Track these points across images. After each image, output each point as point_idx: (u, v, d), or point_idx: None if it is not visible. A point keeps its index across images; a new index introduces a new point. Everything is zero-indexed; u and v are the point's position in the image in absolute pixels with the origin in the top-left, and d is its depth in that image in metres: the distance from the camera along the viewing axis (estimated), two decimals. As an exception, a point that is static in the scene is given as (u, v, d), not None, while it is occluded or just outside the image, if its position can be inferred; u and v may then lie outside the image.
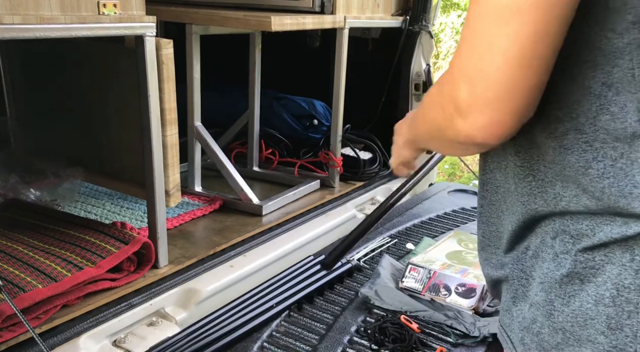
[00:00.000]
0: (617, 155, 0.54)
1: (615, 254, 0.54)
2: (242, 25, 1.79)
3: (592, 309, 0.54)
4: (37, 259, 1.37)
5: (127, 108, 1.57)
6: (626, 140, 0.54)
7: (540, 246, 0.61)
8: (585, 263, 0.56)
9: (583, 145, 0.56)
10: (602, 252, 0.55)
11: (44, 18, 1.19)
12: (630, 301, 0.53)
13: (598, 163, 0.55)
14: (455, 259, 1.62)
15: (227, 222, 1.91)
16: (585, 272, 0.56)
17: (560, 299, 0.57)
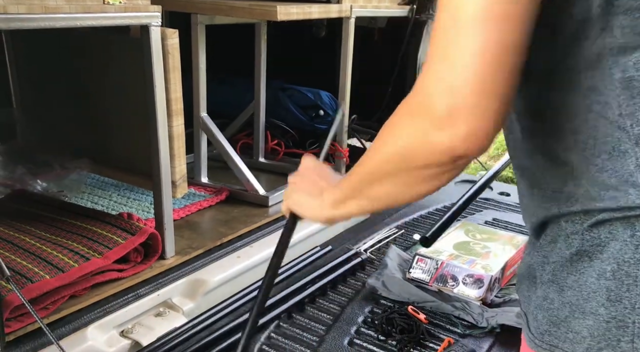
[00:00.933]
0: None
1: (618, 231, 0.56)
2: (247, 14, 1.78)
3: (595, 283, 0.57)
4: (44, 249, 1.37)
5: (133, 98, 1.56)
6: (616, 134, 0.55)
7: (556, 231, 0.63)
8: (591, 241, 0.58)
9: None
10: (606, 229, 0.57)
11: (48, 7, 1.18)
12: (630, 275, 0.55)
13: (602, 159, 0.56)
14: (462, 249, 1.61)
15: (233, 213, 1.91)
16: (592, 249, 0.58)
17: (571, 276, 0.59)
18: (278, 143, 2.44)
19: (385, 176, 0.64)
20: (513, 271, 1.60)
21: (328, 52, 2.44)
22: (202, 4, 1.87)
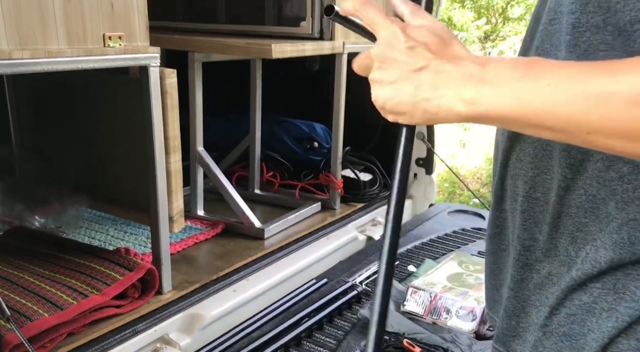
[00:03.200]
0: None
1: None
2: (243, 53, 1.83)
3: None
4: (43, 287, 1.38)
5: (131, 135, 1.60)
6: None
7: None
8: None
9: None
10: None
11: (51, 52, 1.22)
12: None
13: None
14: (456, 281, 1.64)
15: (229, 246, 1.93)
16: None
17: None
18: (273, 175, 2.47)
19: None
20: (506, 302, 1.62)
21: (322, 85, 2.50)
22: (199, 42, 1.92)
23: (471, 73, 0.52)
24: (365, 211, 2.35)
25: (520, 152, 0.65)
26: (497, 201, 0.71)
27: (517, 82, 0.49)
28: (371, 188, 2.43)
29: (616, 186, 0.56)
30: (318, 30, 2.05)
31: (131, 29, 1.39)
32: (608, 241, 0.57)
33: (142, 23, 1.41)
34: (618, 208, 0.56)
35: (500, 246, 0.72)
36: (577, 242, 0.60)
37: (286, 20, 2.19)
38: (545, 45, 0.60)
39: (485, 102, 0.51)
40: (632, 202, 0.55)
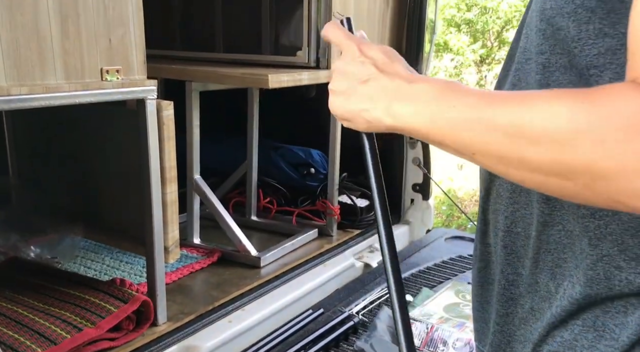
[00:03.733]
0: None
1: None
2: (240, 82, 1.85)
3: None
4: (36, 321, 1.37)
5: (127, 166, 1.60)
6: None
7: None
8: None
9: None
10: None
11: (49, 87, 1.23)
12: None
13: None
14: (452, 312, 1.63)
15: (225, 275, 1.92)
16: None
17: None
18: (270, 201, 2.48)
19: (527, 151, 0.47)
20: (504, 332, 1.61)
21: (318, 111, 2.51)
22: (196, 72, 1.94)
23: (400, 89, 0.57)
24: (362, 237, 2.35)
25: (499, 187, 0.66)
26: (481, 235, 0.72)
27: (430, 103, 0.54)
28: (368, 214, 2.43)
29: (588, 223, 0.57)
30: (314, 59, 2.07)
31: (129, 63, 1.40)
32: (583, 278, 0.57)
33: (140, 56, 1.43)
34: (591, 244, 0.57)
35: (487, 279, 0.73)
36: (556, 278, 0.61)
37: (283, 49, 2.22)
38: (521, 83, 0.62)
39: (404, 117, 0.56)
40: (605, 239, 0.56)
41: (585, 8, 0.52)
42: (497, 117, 0.48)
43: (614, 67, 0.51)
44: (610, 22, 0.51)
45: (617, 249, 0.55)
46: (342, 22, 0.71)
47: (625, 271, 0.55)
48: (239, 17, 2.37)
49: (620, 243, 0.55)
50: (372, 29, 2.30)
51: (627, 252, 0.55)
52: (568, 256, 0.59)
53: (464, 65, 6.49)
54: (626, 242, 0.55)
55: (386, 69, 0.60)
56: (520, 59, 0.62)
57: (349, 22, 0.72)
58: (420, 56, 2.44)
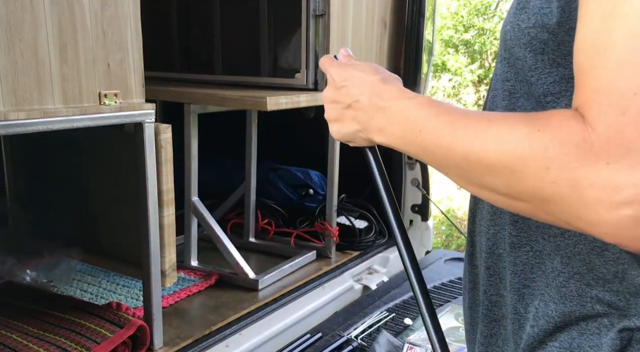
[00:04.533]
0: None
1: None
2: (239, 105, 1.85)
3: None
4: (30, 347, 1.35)
5: (125, 189, 1.60)
6: None
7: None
8: None
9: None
10: None
11: (47, 112, 1.23)
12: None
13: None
14: (452, 336, 1.61)
15: (222, 298, 1.90)
16: None
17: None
18: (269, 222, 2.47)
19: (497, 170, 0.49)
20: (504, 357, 1.59)
21: (317, 132, 2.52)
22: (194, 94, 1.95)
23: (377, 111, 0.62)
24: (361, 259, 2.33)
25: (482, 209, 0.69)
26: (469, 256, 0.74)
27: (402, 126, 0.59)
28: (367, 235, 2.41)
29: (559, 242, 0.59)
30: (313, 81, 2.08)
31: (127, 86, 1.41)
32: (556, 295, 0.59)
33: (138, 80, 1.43)
34: (563, 263, 0.59)
35: (475, 300, 0.74)
36: (524, 299, 0.62)
37: (281, 71, 2.23)
38: (497, 108, 0.66)
39: (387, 135, 0.61)
40: (575, 257, 0.58)
41: (539, 40, 0.55)
42: (457, 145, 0.52)
43: (569, 94, 0.52)
44: (561, 54, 0.54)
45: (585, 268, 0.58)
46: (336, 56, 0.73)
47: (595, 289, 0.57)
48: (237, 39, 2.39)
49: (587, 262, 0.57)
50: (369, 51, 2.31)
51: (594, 271, 0.57)
52: (536, 276, 0.61)
53: (462, 85, 6.53)
54: (593, 262, 0.57)
55: (364, 89, 0.63)
56: (495, 85, 0.66)
57: (344, 52, 0.74)
58: (418, 77, 2.46)
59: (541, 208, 0.47)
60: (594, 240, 0.56)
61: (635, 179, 0.41)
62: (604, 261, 0.56)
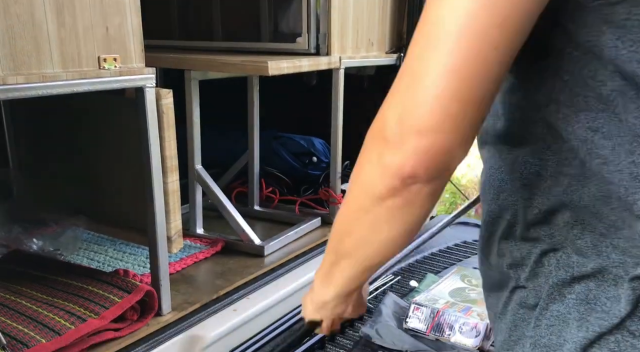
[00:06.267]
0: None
1: None
2: (240, 70, 1.83)
3: None
4: (40, 312, 1.37)
5: (128, 156, 1.59)
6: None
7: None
8: None
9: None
10: None
11: (46, 76, 1.22)
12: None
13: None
14: (458, 296, 1.62)
15: (229, 264, 1.91)
16: None
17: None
18: (273, 191, 2.46)
19: (351, 223, 0.62)
20: (510, 316, 1.61)
21: (319, 99, 2.50)
22: (195, 60, 1.92)
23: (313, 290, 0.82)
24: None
25: (492, 177, 0.70)
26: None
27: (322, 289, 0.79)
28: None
29: (563, 198, 0.60)
30: (314, 46, 2.05)
31: (126, 51, 1.39)
32: (573, 247, 0.59)
33: (137, 44, 1.41)
34: (573, 216, 0.60)
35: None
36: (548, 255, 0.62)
37: (282, 36, 2.20)
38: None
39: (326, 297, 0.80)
40: (583, 209, 0.59)
41: None
42: (335, 252, 0.73)
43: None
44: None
45: (595, 218, 0.58)
46: None
47: (608, 238, 0.57)
48: (237, 4, 2.34)
49: (595, 212, 0.58)
50: (372, 16, 2.27)
51: (604, 220, 0.57)
52: (554, 231, 0.62)
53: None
54: (601, 211, 0.57)
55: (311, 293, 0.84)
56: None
57: None
58: (421, 41, 2.42)
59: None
60: (596, 190, 0.56)
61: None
62: (610, 209, 0.56)
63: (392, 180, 0.54)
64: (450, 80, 0.49)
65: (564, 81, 0.54)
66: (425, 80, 0.50)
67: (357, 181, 0.59)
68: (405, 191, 0.54)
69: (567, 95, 0.54)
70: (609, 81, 0.52)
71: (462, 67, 0.49)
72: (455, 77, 0.49)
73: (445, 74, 0.49)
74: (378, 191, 0.56)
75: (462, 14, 0.48)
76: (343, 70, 2.13)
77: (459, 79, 0.49)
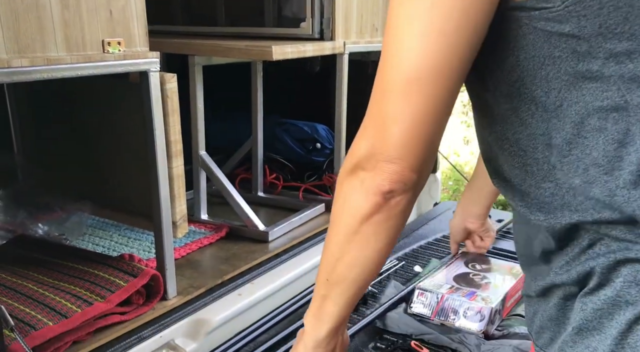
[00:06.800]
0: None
1: None
2: (244, 55, 1.82)
3: None
4: (46, 295, 1.38)
5: (133, 141, 1.59)
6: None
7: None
8: None
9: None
10: None
11: (50, 59, 1.21)
12: None
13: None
14: (463, 281, 1.62)
15: (234, 249, 1.92)
16: None
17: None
18: (276, 177, 2.46)
19: (342, 247, 0.70)
20: (514, 301, 1.60)
21: (323, 85, 2.49)
22: (199, 45, 1.91)
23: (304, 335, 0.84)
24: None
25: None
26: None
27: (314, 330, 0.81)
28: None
29: (570, 199, 0.63)
30: (318, 31, 2.04)
31: (130, 34, 1.38)
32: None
33: (141, 28, 1.40)
34: (596, 209, 0.61)
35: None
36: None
37: (286, 21, 2.19)
38: None
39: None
40: (600, 202, 0.60)
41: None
42: (326, 275, 0.75)
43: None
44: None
45: (618, 212, 0.59)
46: None
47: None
48: (240, -11, 2.33)
49: (612, 205, 0.59)
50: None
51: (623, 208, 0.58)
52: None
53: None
54: (617, 201, 0.58)
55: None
56: None
57: None
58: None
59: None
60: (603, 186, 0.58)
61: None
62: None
63: (375, 197, 0.64)
64: (420, 119, 0.60)
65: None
66: (390, 126, 0.61)
67: (343, 210, 0.69)
68: (386, 205, 0.65)
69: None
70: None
71: (419, 113, 0.60)
72: (424, 117, 0.60)
73: (406, 120, 0.60)
74: (364, 211, 0.66)
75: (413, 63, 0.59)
76: (347, 56, 2.12)
77: (421, 123, 0.61)
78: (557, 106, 0.58)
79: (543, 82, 0.58)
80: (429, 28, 0.56)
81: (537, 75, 0.58)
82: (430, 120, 0.60)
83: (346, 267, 0.71)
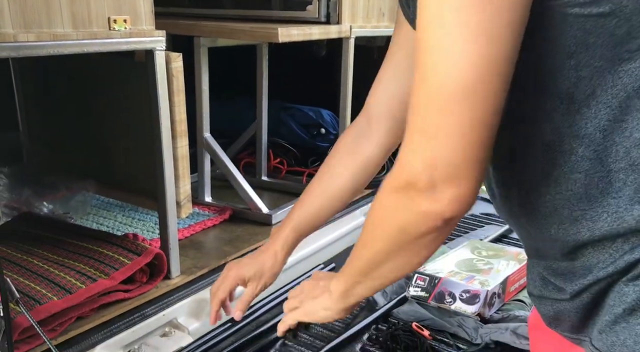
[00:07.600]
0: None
1: None
2: (249, 37, 1.81)
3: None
4: (51, 271, 1.39)
5: (138, 120, 1.59)
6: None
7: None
8: None
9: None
10: None
11: (57, 35, 1.21)
12: None
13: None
14: (464, 266, 1.63)
15: (237, 231, 1.93)
16: None
17: None
18: (280, 161, 2.47)
19: (389, 254, 0.68)
20: (519, 286, 1.61)
21: (329, 70, 2.48)
22: (204, 27, 1.91)
23: (324, 292, 0.84)
24: (372, 196, 2.33)
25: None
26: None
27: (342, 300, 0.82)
28: (378, 174, 2.40)
29: (592, 191, 0.62)
30: (325, 14, 2.03)
31: (136, 12, 1.38)
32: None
33: (148, 6, 1.40)
34: (620, 197, 0.60)
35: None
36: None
37: (292, 4, 2.17)
38: None
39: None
40: (622, 190, 0.60)
41: None
42: (363, 269, 0.74)
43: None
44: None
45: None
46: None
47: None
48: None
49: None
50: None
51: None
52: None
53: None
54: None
55: (313, 291, 0.88)
56: None
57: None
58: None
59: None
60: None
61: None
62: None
63: (435, 223, 0.60)
64: (480, 130, 0.55)
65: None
66: (448, 141, 0.55)
67: (391, 224, 0.65)
68: (446, 227, 0.61)
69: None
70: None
71: (479, 125, 0.55)
72: (483, 127, 0.55)
73: (476, 124, 0.55)
74: (421, 232, 0.62)
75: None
76: (353, 40, 2.11)
77: (487, 127, 0.55)
78: (587, 95, 0.56)
79: (571, 72, 0.56)
80: (480, 27, 0.52)
81: (564, 67, 0.56)
82: (488, 133, 0.55)
83: (390, 271, 0.71)
